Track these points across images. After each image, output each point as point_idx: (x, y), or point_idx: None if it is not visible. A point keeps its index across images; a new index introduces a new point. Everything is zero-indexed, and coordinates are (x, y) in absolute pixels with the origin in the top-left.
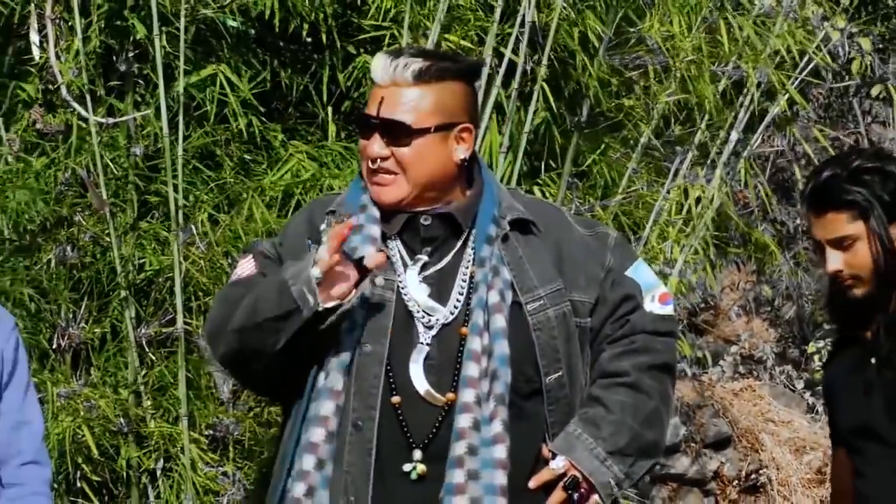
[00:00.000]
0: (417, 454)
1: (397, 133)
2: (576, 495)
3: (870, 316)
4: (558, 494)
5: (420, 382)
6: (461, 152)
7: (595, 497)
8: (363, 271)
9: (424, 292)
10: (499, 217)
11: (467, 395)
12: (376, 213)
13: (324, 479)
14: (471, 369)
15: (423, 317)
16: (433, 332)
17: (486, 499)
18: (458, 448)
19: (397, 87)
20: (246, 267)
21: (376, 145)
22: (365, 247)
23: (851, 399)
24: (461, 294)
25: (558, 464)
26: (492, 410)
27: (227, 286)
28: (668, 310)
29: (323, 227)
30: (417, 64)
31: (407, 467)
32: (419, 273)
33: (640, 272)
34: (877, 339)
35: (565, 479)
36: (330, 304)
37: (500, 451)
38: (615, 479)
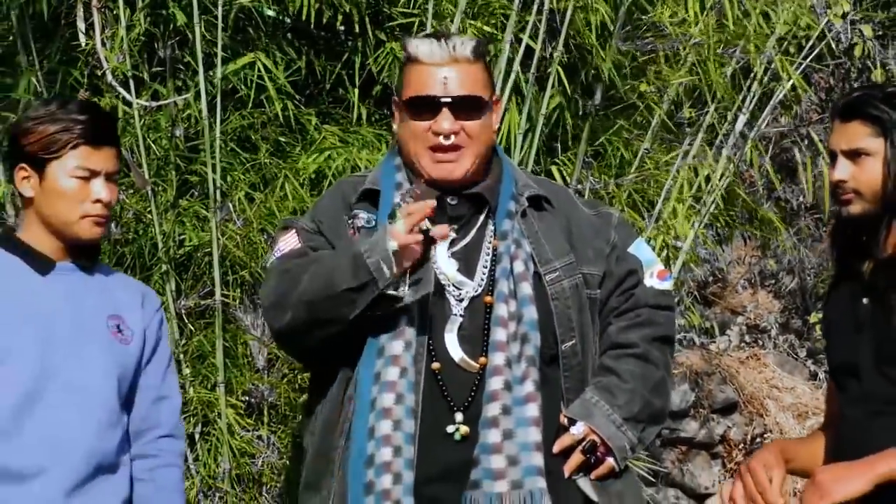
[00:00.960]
0: (459, 417)
1: (469, 107)
2: (593, 458)
3: (867, 252)
4: (577, 457)
5: (455, 351)
6: (496, 121)
7: (610, 460)
8: (428, 243)
9: (453, 267)
10: (517, 194)
11: (497, 359)
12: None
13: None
14: (499, 334)
15: (454, 290)
16: (464, 303)
17: (522, 455)
18: (492, 409)
19: (458, 65)
20: (289, 241)
21: (446, 122)
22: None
23: (843, 336)
24: (486, 267)
25: (578, 429)
26: (523, 371)
27: (278, 260)
28: (667, 285)
29: (397, 200)
30: (472, 42)
31: (450, 429)
32: (448, 249)
33: (641, 249)
34: (872, 279)
35: (584, 443)
36: (399, 292)
37: (533, 410)
38: (629, 444)
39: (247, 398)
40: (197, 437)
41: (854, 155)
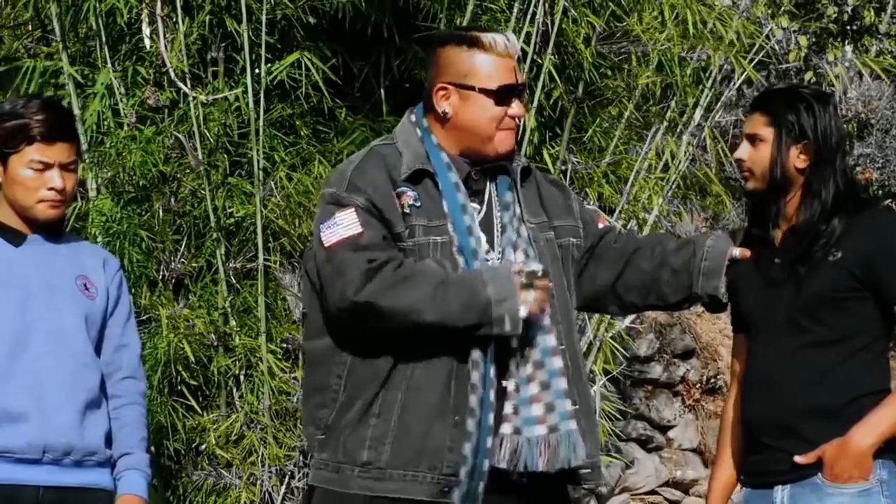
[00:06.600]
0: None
1: (523, 94)
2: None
3: (774, 222)
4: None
5: None
6: None
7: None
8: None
9: (483, 239)
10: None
11: None
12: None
13: None
14: None
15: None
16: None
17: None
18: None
19: (513, 60)
20: (348, 220)
21: (520, 107)
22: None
23: (754, 292)
24: (499, 234)
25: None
26: None
27: (351, 249)
28: None
29: (534, 269)
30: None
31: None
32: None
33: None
34: (784, 245)
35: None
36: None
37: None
38: None
39: (284, 345)
40: (242, 378)
41: (753, 139)
